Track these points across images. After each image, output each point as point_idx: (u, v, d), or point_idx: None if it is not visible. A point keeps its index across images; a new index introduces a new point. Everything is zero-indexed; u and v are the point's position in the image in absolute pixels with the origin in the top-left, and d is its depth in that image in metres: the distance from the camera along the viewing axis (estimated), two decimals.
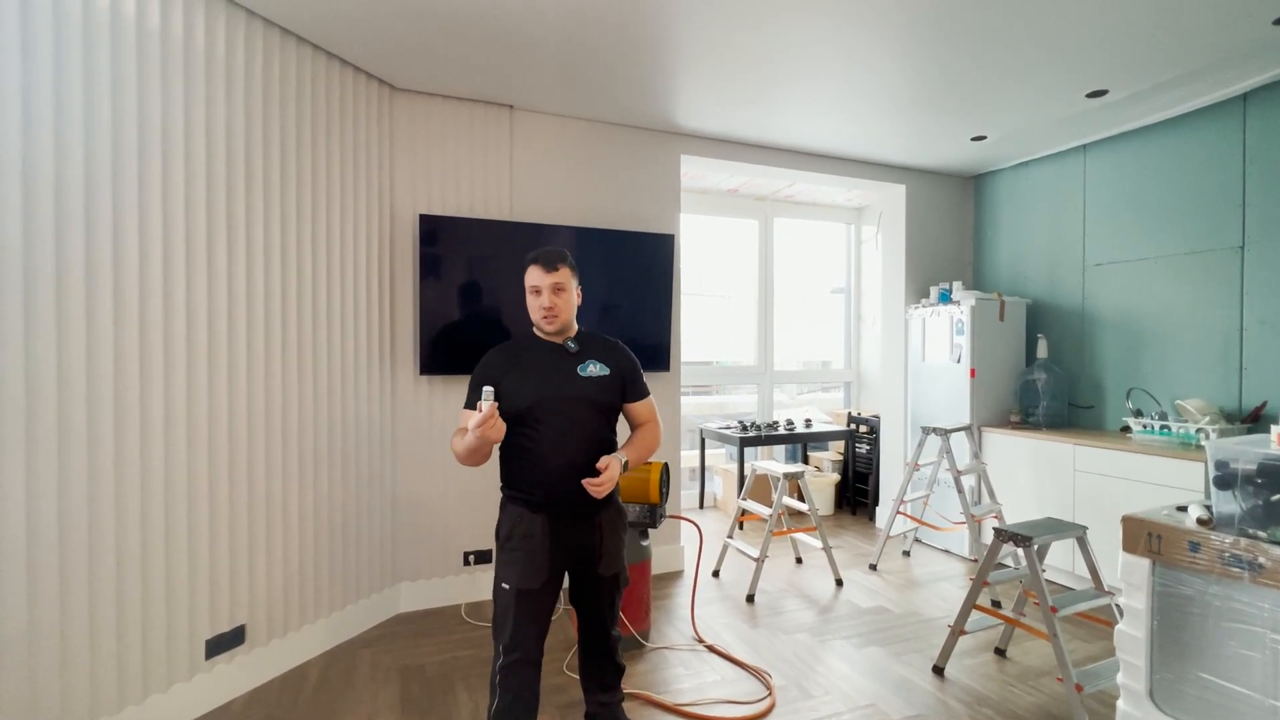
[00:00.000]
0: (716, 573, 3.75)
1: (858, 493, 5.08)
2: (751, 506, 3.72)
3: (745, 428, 4.75)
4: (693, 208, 4.98)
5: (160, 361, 2.13)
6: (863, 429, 5.05)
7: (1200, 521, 1.82)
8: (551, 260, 1.84)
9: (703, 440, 5.20)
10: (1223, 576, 1.73)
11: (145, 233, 2.08)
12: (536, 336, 1.92)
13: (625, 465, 1.82)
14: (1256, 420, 3.04)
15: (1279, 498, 1.67)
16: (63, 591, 1.88)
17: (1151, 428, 3.33)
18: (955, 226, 4.68)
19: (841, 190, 5.01)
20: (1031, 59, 2.81)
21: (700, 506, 5.33)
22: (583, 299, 1.97)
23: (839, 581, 3.60)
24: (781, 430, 4.85)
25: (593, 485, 1.73)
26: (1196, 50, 2.73)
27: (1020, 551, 2.46)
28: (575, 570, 1.90)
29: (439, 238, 3.13)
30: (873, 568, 3.82)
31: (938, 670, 2.62)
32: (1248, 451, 1.76)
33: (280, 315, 2.55)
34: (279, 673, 2.56)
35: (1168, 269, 3.48)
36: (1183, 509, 1.95)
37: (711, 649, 2.82)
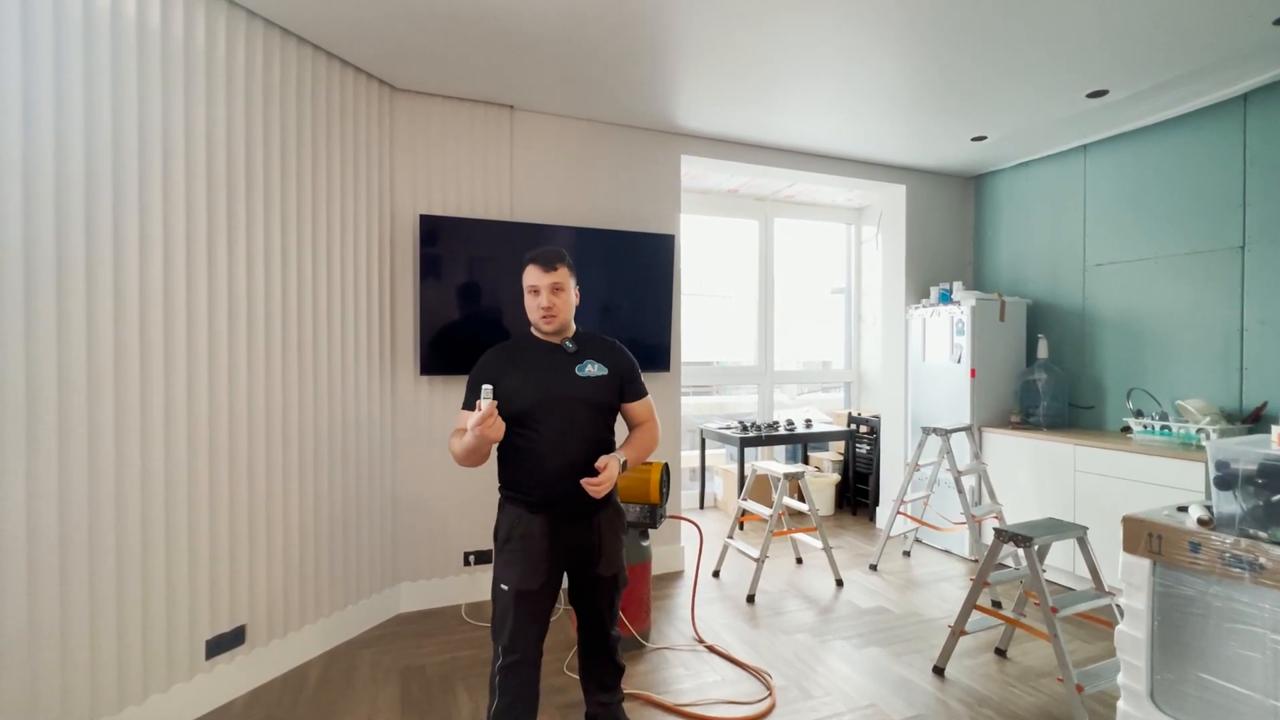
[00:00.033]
0: (717, 573, 3.75)
1: (858, 493, 5.08)
2: (752, 507, 3.72)
3: (745, 428, 4.75)
4: (693, 208, 4.98)
5: (160, 362, 2.13)
6: (863, 429, 5.05)
7: (1201, 522, 1.82)
8: (550, 260, 1.83)
9: (703, 440, 5.20)
10: (1223, 577, 1.73)
11: (145, 233, 2.08)
12: (534, 336, 1.92)
13: (624, 465, 1.82)
14: (1257, 420, 3.04)
15: (1279, 498, 1.68)
16: (63, 591, 1.88)
17: (1152, 428, 3.33)
18: (955, 227, 4.68)
19: (842, 190, 5.01)
20: (1032, 59, 2.81)
21: (700, 507, 5.33)
22: (583, 299, 1.97)
23: (839, 582, 3.60)
24: (782, 430, 4.85)
25: (591, 485, 1.73)
26: (1197, 50, 2.73)
27: (1021, 552, 2.46)
28: (574, 571, 1.90)
29: (439, 238, 3.13)
30: (873, 568, 3.82)
31: (938, 671, 2.62)
32: (1248, 452, 1.76)
33: (280, 315, 2.55)
34: (279, 673, 2.56)
35: (1168, 269, 3.48)
36: (1183, 509, 1.95)
37: (712, 649, 2.81)
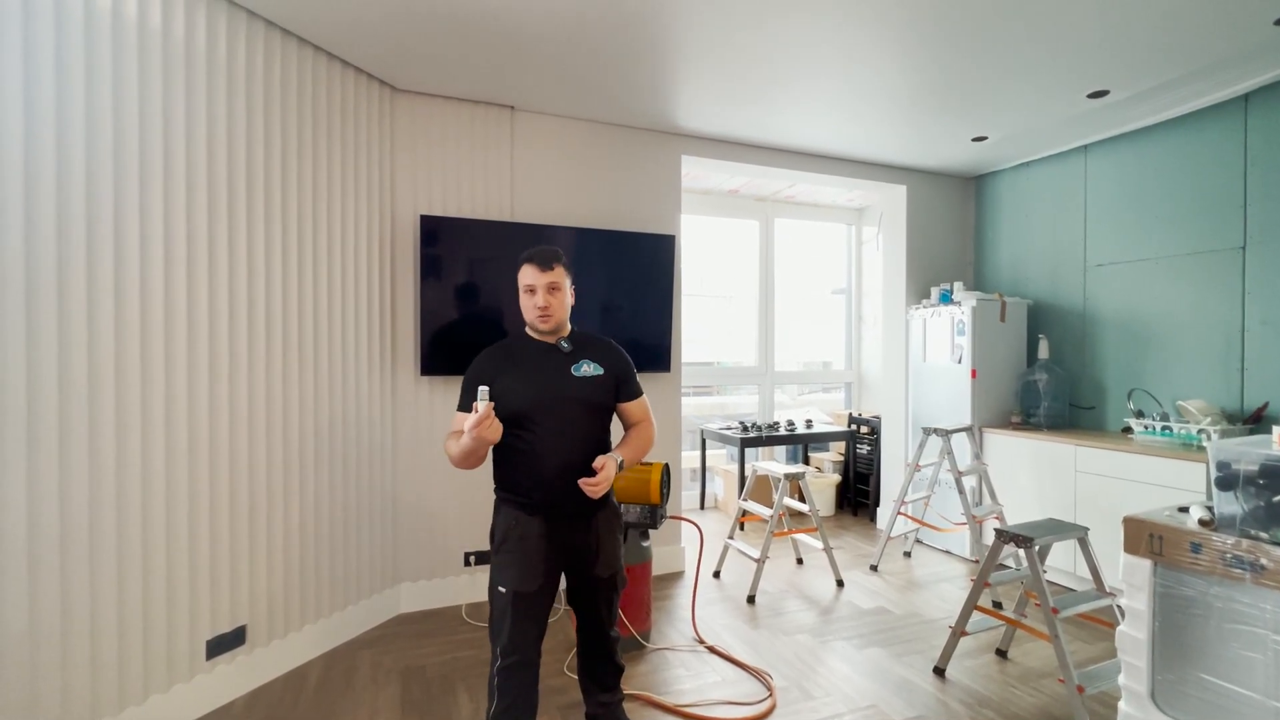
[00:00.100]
0: (717, 573, 3.75)
1: (859, 493, 5.08)
2: (752, 507, 3.72)
3: (746, 428, 4.75)
4: (693, 208, 4.98)
5: (161, 362, 2.13)
6: (864, 430, 5.04)
7: (1202, 522, 1.82)
8: (546, 259, 1.82)
9: (703, 441, 5.20)
10: (1224, 578, 1.73)
11: (146, 233, 2.08)
12: (529, 336, 1.91)
13: (620, 465, 1.81)
14: (1258, 421, 3.04)
15: None
16: (64, 592, 1.88)
17: (1153, 428, 3.33)
18: (956, 227, 4.68)
19: (842, 191, 5.01)
20: (1032, 59, 2.80)
21: (701, 507, 5.32)
22: (584, 300, 1.97)
23: (840, 582, 3.59)
24: (782, 431, 4.84)
25: (589, 485, 1.72)
26: (1197, 51, 2.73)
27: (1021, 552, 2.46)
28: (572, 572, 1.90)
29: (440, 238, 3.13)
30: (874, 569, 3.82)
31: (939, 671, 2.62)
32: (1249, 452, 1.75)
33: (281, 316, 2.55)
34: (280, 673, 2.56)
35: (1169, 269, 3.47)
36: (1184, 510, 1.95)
37: (712, 650, 2.81)
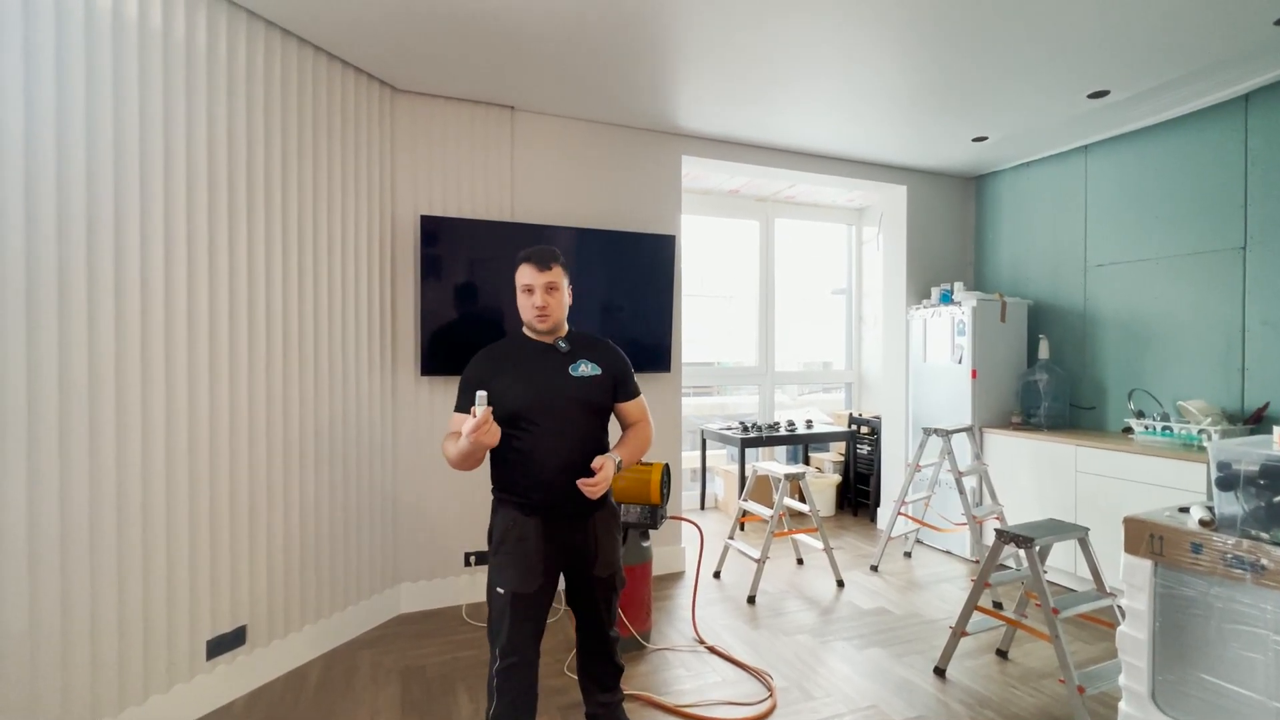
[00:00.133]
0: (717, 574, 3.75)
1: (859, 494, 5.07)
2: (752, 507, 3.72)
3: (746, 429, 4.75)
4: (694, 209, 4.98)
5: (161, 362, 2.13)
6: (864, 430, 5.04)
7: (1202, 523, 1.81)
8: (544, 259, 1.82)
9: (704, 441, 5.20)
10: (1225, 578, 1.72)
11: (147, 234, 2.08)
12: (526, 336, 1.90)
13: (619, 465, 1.81)
14: (1259, 421, 3.04)
15: None
16: (64, 592, 1.89)
17: (1153, 429, 3.32)
18: (956, 227, 4.68)
19: (842, 191, 5.01)
20: (1032, 59, 2.80)
21: (701, 507, 5.32)
22: (585, 300, 1.97)
23: (840, 583, 3.59)
24: (783, 431, 4.84)
25: (587, 486, 1.72)
26: (1197, 51, 2.73)
27: (1022, 553, 2.46)
28: (571, 572, 1.89)
29: (440, 239, 3.13)
30: (874, 569, 3.82)
31: (939, 672, 2.61)
32: (1250, 453, 1.75)
33: (281, 316, 2.55)
34: (280, 673, 2.56)
35: (1170, 270, 3.47)
36: (1185, 510, 1.95)
37: (712, 650, 2.81)
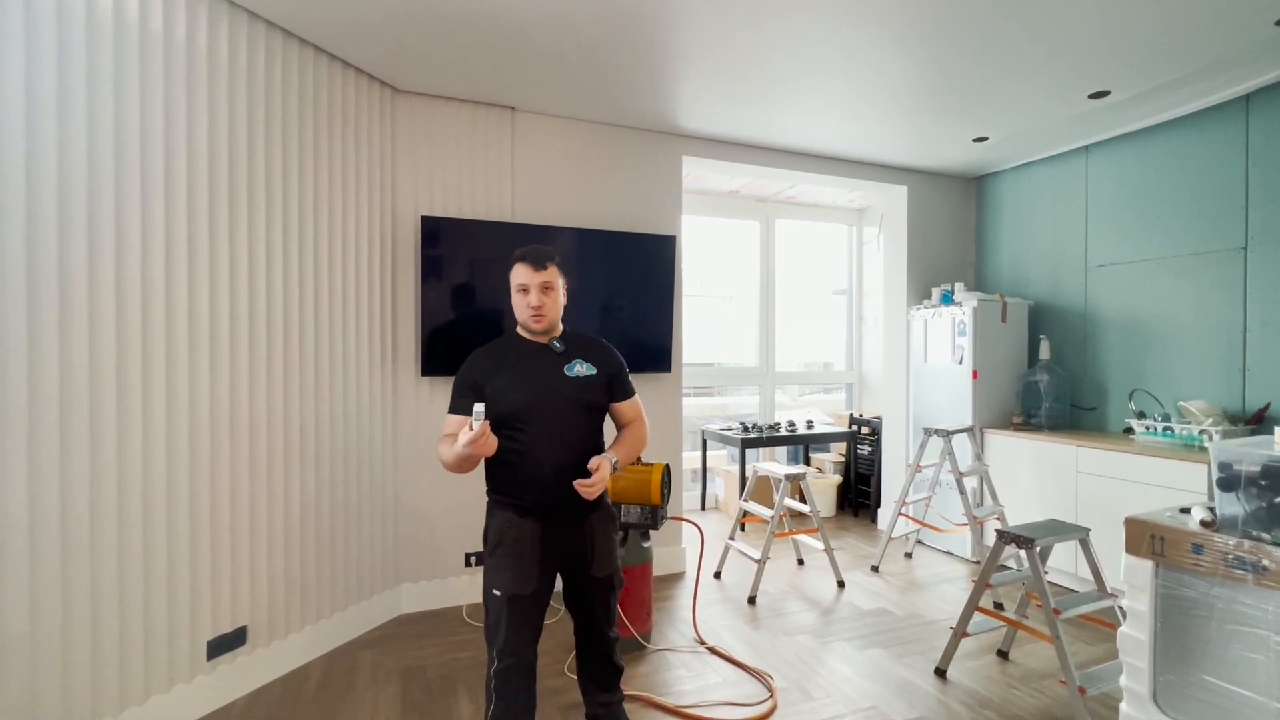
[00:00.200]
0: (718, 574, 3.75)
1: (859, 494, 5.07)
2: (753, 508, 3.72)
3: (747, 429, 4.74)
4: (694, 209, 4.98)
5: (162, 363, 2.13)
6: (864, 430, 5.04)
7: (1203, 523, 1.81)
8: (539, 258, 1.81)
9: (704, 442, 5.20)
10: (1226, 579, 1.72)
11: (148, 235, 2.08)
12: (521, 336, 1.89)
13: (615, 465, 1.80)
14: (1260, 422, 3.03)
15: None
16: (65, 592, 1.89)
17: (1154, 429, 3.32)
18: (957, 228, 4.68)
19: (843, 192, 5.01)
20: (1032, 60, 2.80)
21: (702, 508, 5.32)
22: (585, 300, 1.96)
23: (841, 583, 3.59)
24: (783, 432, 4.84)
25: (584, 486, 1.71)
26: (1198, 51, 2.73)
27: (1023, 553, 2.46)
28: (568, 573, 1.88)
29: (440, 239, 3.13)
30: (874, 569, 3.82)
31: (940, 672, 2.61)
32: (1251, 453, 1.75)
33: (282, 317, 2.55)
34: (280, 674, 2.56)
35: (1170, 270, 3.47)
36: (1186, 511, 1.94)
37: (713, 651, 2.81)
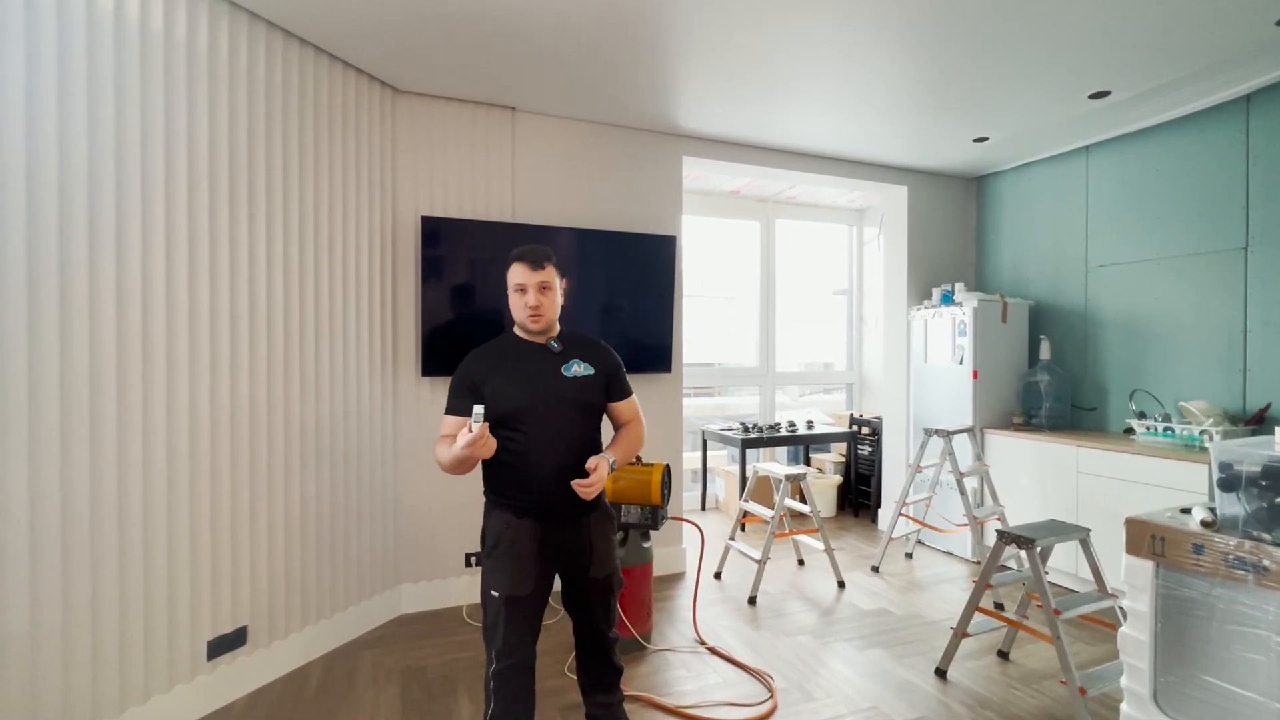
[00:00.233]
0: (718, 574, 3.75)
1: (860, 494, 5.07)
2: (753, 508, 3.71)
3: (747, 429, 4.74)
4: (694, 209, 4.98)
5: (163, 363, 2.13)
6: (865, 431, 5.04)
7: (1204, 524, 1.81)
8: (537, 258, 1.81)
9: (704, 442, 5.20)
10: (1227, 579, 1.72)
11: (148, 236, 2.09)
12: (518, 336, 1.88)
13: (612, 465, 1.80)
14: (1260, 422, 3.03)
15: None
16: (65, 592, 1.89)
17: (1155, 429, 3.32)
18: (957, 228, 4.68)
19: (843, 192, 5.01)
20: (1033, 60, 2.80)
21: (702, 508, 5.32)
22: (585, 301, 1.95)
23: (841, 583, 3.59)
24: (783, 432, 4.84)
25: (582, 486, 1.71)
26: (1199, 51, 2.72)
27: (1023, 554, 2.46)
28: (566, 574, 1.88)
29: (441, 239, 3.13)
30: (875, 570, 3.82)
31: (940, 673, 2.61)
32: (1252, 453, 1.75)
33: (282, 317, 2.55)
34: (281, 674, 2.56)
35: (1171, 270, 3.47)
36: (1186, 511, 1.94)
37: (713, 651, 2.81)
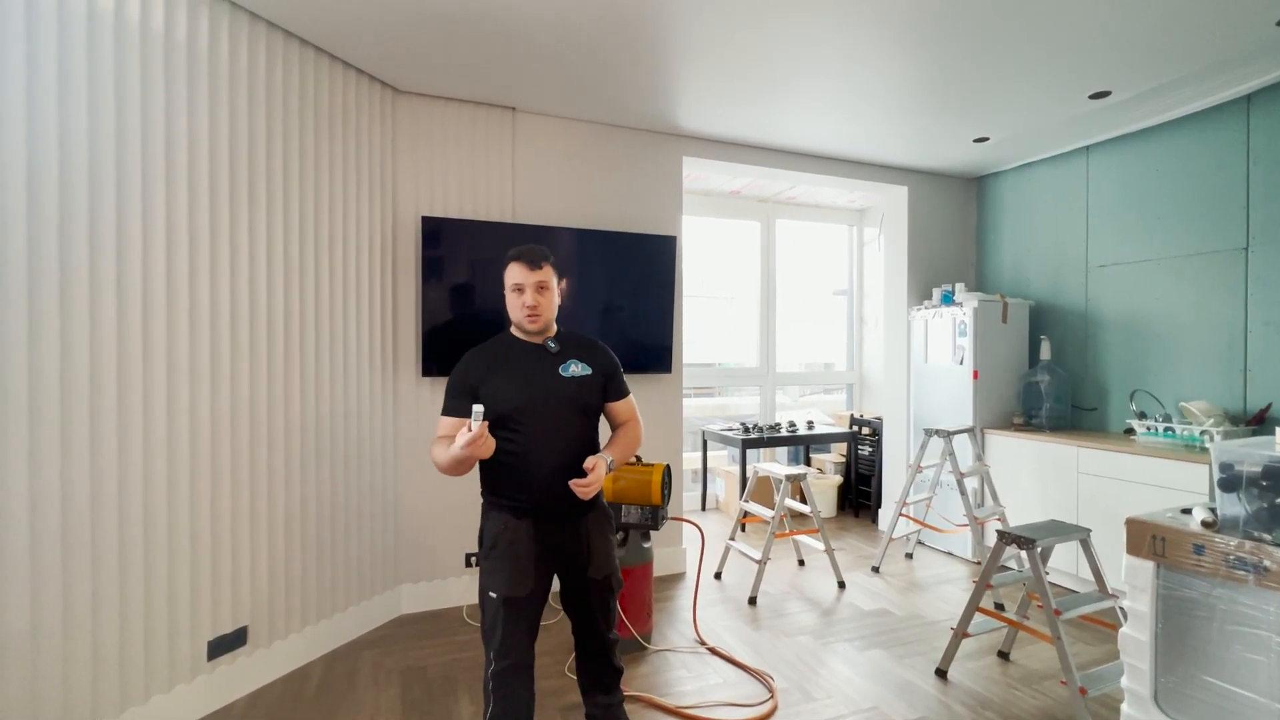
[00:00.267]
0: (718, 575, 3.75)
1: (860, 495, 5.07)
2: (753, 508, 3.71)
3: (747, 429, 4.74)
4: (695, 209, 4.98)
5: (163, 363, 2.13)
6: (865, 431, 5.04)
7: (1205, 524, 1.81)
8: (535, 258, 1.80)
9: (705, 442, 5.20)
10: (1227, 579, 1.72)
11: (149, 236, 2.09)
12: (515, 337, 1.88)
13: (610, 465, 1.79)
14: (1261, 422, 3.03)
15: None
16: (65, 592, 1.89)
17: (1155, 430, 3.32)
18: (958, 228, 4.67)
19: (843, 192, 5.01)
20: (1033, 60, 2.80)
21: (702, 508, 5.32)
22: (586, 301, 1.95)
23: (841, 584, 3.59)
24: (784, 432, 4.84)
25: (580, 486, 1.70)
26: (1199, 51, 2.72)
27: (1023, 554, 2.46)
28: (564, 575, 1.87)
29: (441, 240, 3.13)
30: (875, 570, 3.81)
31: (940, 673, 2.61)
32: (1252, 454, 1.75)
33: (282, 317, 2.55)
34: (281, 674, 2.56)
35: (1171, 270, 3.47)
36: (1187, 511, 1.94)
37: (713, 651, 2.81)
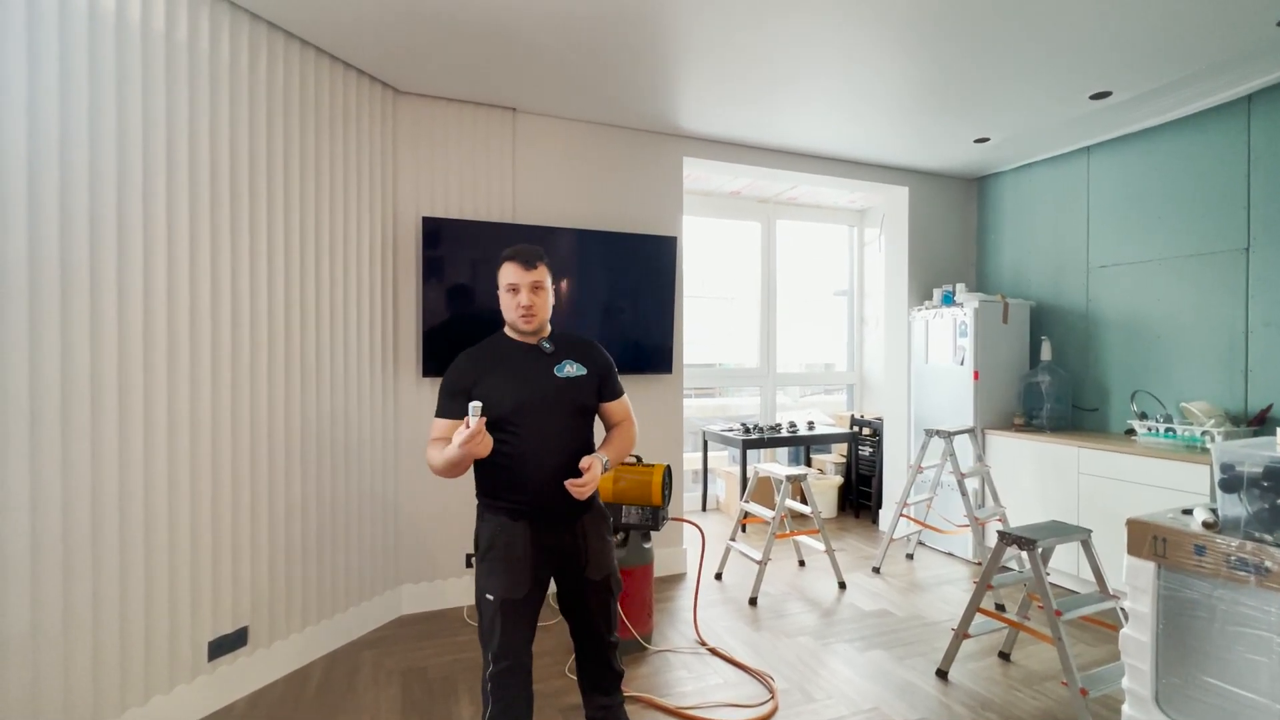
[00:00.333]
0: (719, 575, 3.75)
1: (861, 495, 5.07)
2: (754, 509, 3.71)
3: (748, 430, 4.74)
4: (695, 210, 4.98)
5: (164, 363, 2.13)
6: (866, 431, 5.04)
7: (1206, 525, 1.81)
8: (530, 258, 1.79)
9: (705, 443, 5.19)
10: (1229, 580, 1.72)
11: (149, 237, 2.09)
12: (509, 337, 1.87)
13: (606, 465, 1.78)
14: (1262, 423, 3.03)
15: None
16: (66, 592, 1.89)
17: (1156, 430, 3.31)
18: (958, 228, 4.67)
19: (844, 192, 5.01)
20: (1033, 60, 2.80)
21: (703, 509, 5.32)
22: (586, 301, 1.95)
23: (842, 584, 3.59)
24: (784, 433, 4.84)
25: (575, 486, 1.69)
26: (1200, 52, 2.72)
27: (1024, 555, 2.45)
28: (561, 577, 1.86)
29: (442, 240, 3.13)
30: (876, 570, 3.81)
31: (941, 674, 2.61)
32: (1254, 454, 1.75)
33: (283, 317, 2.55)
34: (281, 674, 2.56)
35: (1172, 271, 3.46)
36: (1188, 512, 1.94)
37: (714, 652, 2.81)
